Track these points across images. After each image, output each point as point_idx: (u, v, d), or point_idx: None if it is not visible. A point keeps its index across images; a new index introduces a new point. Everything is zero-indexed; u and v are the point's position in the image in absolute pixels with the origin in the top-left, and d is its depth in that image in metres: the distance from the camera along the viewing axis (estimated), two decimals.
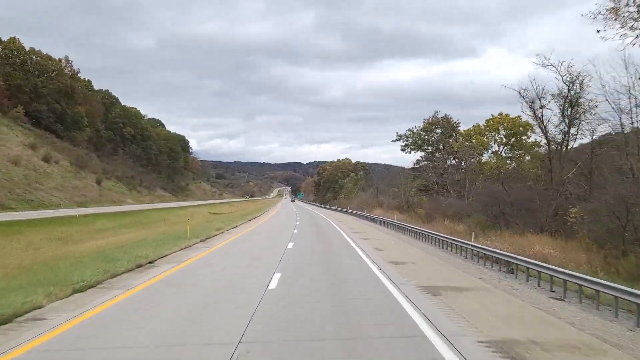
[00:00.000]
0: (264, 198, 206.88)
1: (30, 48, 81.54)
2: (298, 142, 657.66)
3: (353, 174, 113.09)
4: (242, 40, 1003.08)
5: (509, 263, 13.86)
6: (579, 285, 9.91)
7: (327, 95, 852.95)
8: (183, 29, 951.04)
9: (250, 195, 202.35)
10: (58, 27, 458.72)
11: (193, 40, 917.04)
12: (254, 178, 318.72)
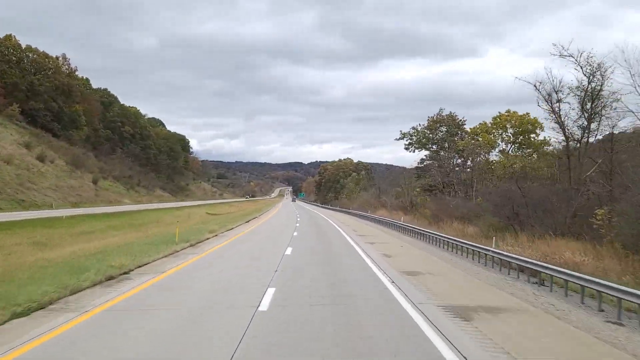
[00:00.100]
0: (265, 198, 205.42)
1: (27, 45, 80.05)
2: (299, 142, 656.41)
3: (355, 174, 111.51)
4: (243, 40, 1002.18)
5: (535, 272, 12.17)
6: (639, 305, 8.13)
7: (328, 95, 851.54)
8: (184, 29, 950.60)
9: (251, 195, 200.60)
10: (58, 27, 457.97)
11: (194, 40, 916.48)
12: (255, 178, 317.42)
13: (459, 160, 53.47)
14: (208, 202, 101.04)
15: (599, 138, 24.23)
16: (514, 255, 13.00)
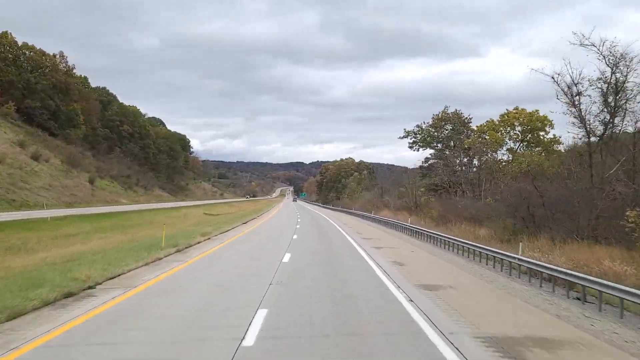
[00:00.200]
0: (266, 198, 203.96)
1: (23, 43, 78.57)
2: (300, 142, 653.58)
3: (356, 174, 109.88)
4: (244, 40, 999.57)
5: (571, 284, 10.49)
6: None
7: (329, 95, 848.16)
8: (184, 29, 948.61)
9: (252, 195, 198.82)
10: (58, 27, 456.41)
11: (194, 40, 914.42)
12: (257, 178, 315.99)
13: (465, 159, 51.86)
14: (207, 202, 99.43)
15: (623, 133, 22.48)
16: (549, 266, 11.25)
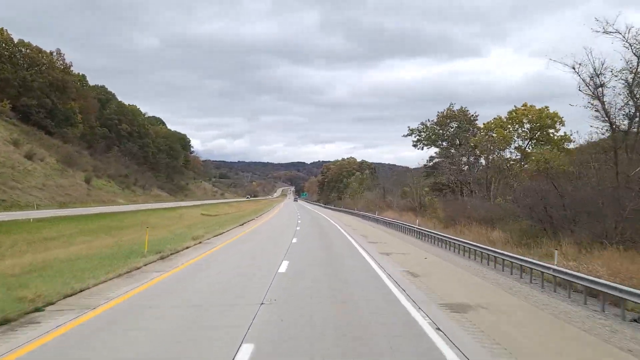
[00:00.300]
0: (267, 198, 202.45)
1: (19, 40, 76.98)
2: (302, 142, 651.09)
3: (358, 173, 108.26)
4: (245, 40, 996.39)
5: (617, 299, 8.82)
6: None
7: (331, 95, 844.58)
8: (185, 29, 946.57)
9: (253, 195, 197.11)
10: (58, 27, 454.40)
11: (195, 40, 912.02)
12: (258, 178, 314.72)
13: (472, 158, 50.21)
14: (207, 202, 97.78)
15: None
16: (595, 279, 9.46)
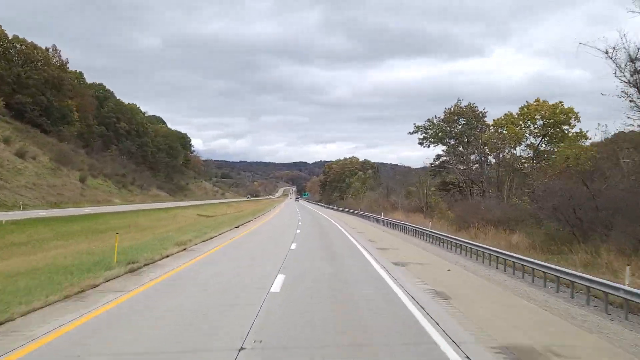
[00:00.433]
0: (269, 198, 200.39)
1: (14, 35, 75.06)
2: (304, 141, 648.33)
3: (361, 173, 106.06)
4: (246, 40, 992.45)
5: None
6: None
7: (332, 95, 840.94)
8: (187, 29, 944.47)
9: (255, 195, 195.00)
10: (58, 27, 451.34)
11: (197, 40, 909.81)
12: (259, 178, 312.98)
13: (481, 156, 48.05)
14: (206, 202, 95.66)
15: None
16: None
